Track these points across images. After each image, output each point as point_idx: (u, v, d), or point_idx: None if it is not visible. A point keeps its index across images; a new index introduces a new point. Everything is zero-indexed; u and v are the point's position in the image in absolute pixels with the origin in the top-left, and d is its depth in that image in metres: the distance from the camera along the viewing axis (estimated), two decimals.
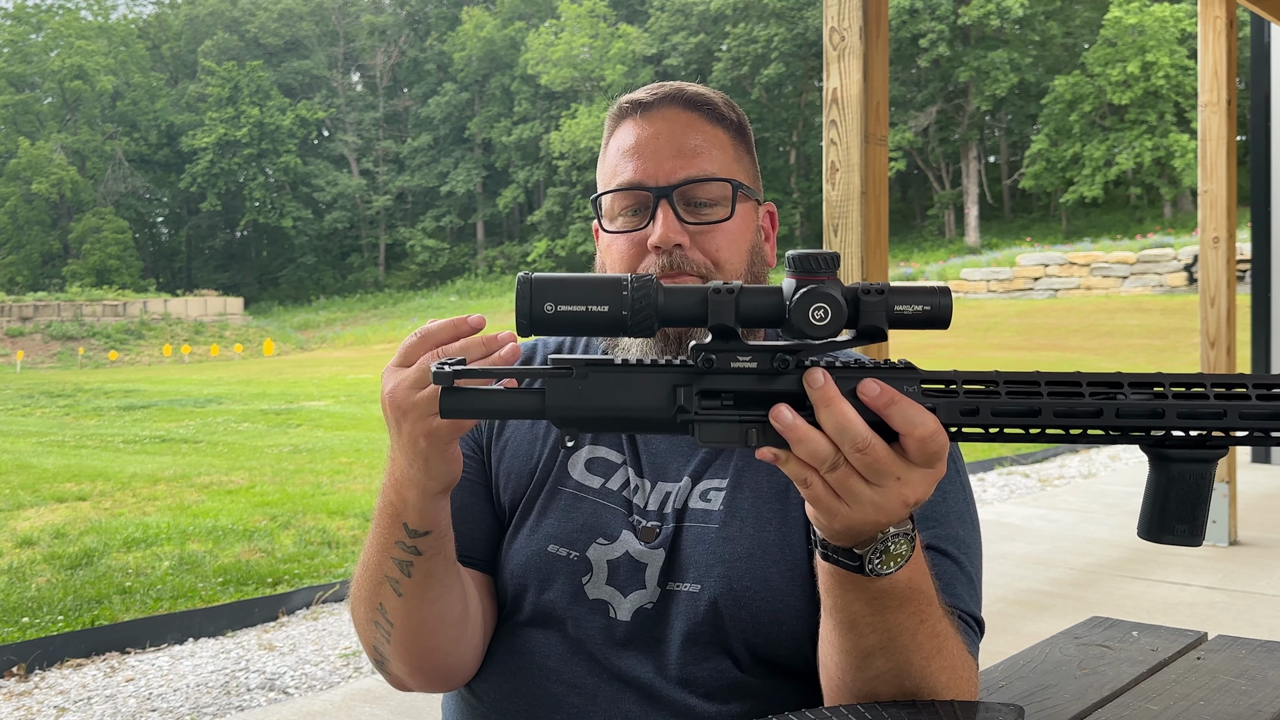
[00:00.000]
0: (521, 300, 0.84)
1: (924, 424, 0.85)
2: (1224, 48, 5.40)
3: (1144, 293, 26.78)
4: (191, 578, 5.67)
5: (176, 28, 63.69)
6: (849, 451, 0.85)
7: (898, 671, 1.02)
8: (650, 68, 50.02)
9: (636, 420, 0.88)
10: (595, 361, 0.87)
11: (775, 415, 0.85)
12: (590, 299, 0.85)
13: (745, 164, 1.29)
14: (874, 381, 0.85)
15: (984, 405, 0.87)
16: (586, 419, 0.87)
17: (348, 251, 58.76)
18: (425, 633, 1.15)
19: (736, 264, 1.24)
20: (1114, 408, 0.86)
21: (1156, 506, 0.90)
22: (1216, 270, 5.39)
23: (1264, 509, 6.26)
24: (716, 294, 0.85)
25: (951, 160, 46.32)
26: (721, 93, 1.32)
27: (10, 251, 52.93)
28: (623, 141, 1.26)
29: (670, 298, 0.86)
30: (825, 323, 0.83)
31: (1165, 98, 38.86)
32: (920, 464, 0.86)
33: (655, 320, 0.85)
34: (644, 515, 1.23)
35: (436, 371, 0.87)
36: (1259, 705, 1.28)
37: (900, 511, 0.88)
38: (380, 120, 59.95)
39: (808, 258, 0.85)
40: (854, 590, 0.96)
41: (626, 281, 0.85)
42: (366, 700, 3.65)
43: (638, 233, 1.24)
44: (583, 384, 0.87)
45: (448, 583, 1.13)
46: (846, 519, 0.89)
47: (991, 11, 40.85)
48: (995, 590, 4.74)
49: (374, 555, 1.13)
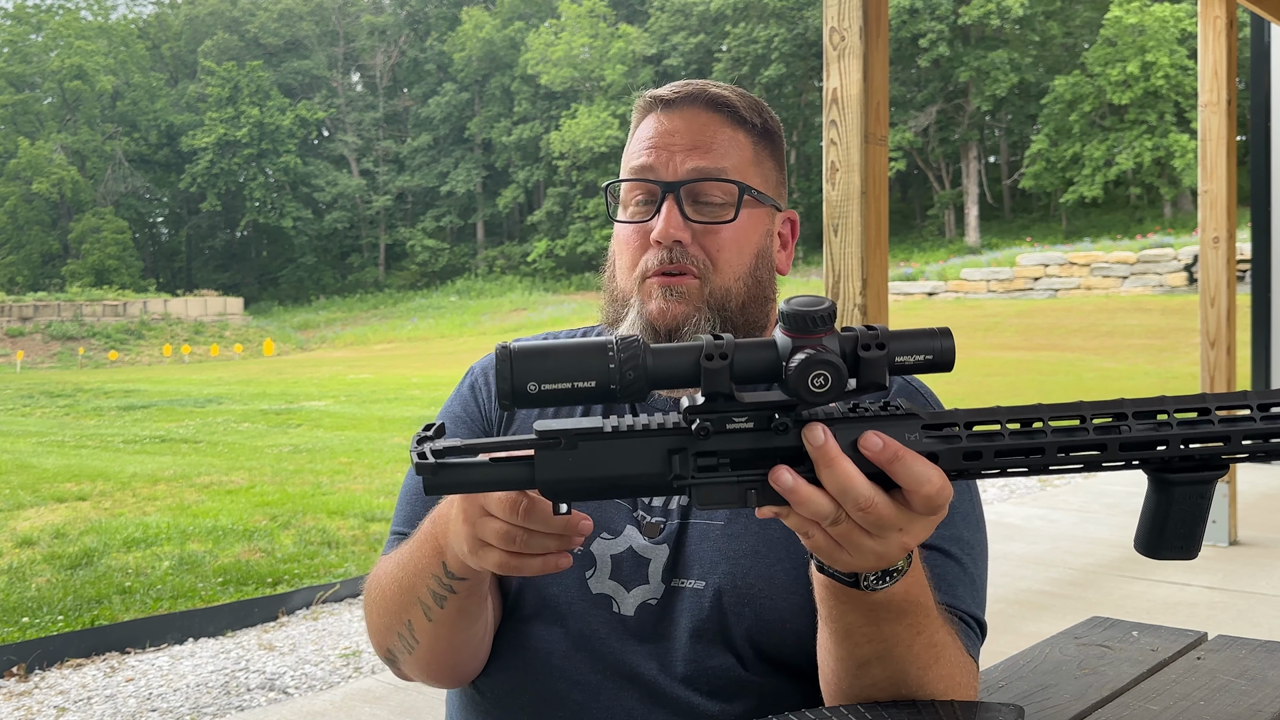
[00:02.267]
0: (503, 380, 0.81)
1: (930, 480, 0.83)
2: (1224, 48, 5.39)
3: (1144, 293, 26.78)
4: (191, 578, 5.67)
5: (176, 28, 63.68)
6: (851, 510, 0.84)
7: (894, 680, 1.02)
8: (650, 68, 50.02)
9: (631, 488, 0.85)
10: (584, 431, 0.84)
11: (775, 478, 0.83)
12: (575, 374, 0.81)
13: (766, 168, 1.29)
14: (876, 435, 0.83)
15: (987, 449, 0.85)
16: (578, 489, 0.85)
17: (348, 251, 58.75)
18: (450, 654, 1.17)
19: (737, 267, 1.24)
20: (1118, 441, 0.85)
21: (1156, 525, 0.90)
22: (1216, 270, 5.39)
23: (1264, 509, 6.26)
24: (709, 360, 0.82)
25: (951, 160, 46.32)
26: (752, 96, 1.31)
27: (10, 251, 52.92)
28: (642, 133, 1.28)
29: (659, 361, 0.83)
30: (825, 390, 0.81)
31: (1165, 98, 38.86)
32: (924, 514, 0.86)
33: (645, 386, 0.83)
34: (648, 510, 1.23)
35: (420, 462, 0.83)
36: (1259, 705, 1.28)
37: (900, 555, 0.88)
38: (380, 120, 59.94)
39: (804, 317, 0.82)
40: (849, 602, 0.96)
41: (612, 348, 0.82)
42: (366, 700, 3.65)
43: (643, 225, 1.25)
44: (572, 455, 0.84)
45: (479, 614, 1.14)
46: (848, 564, 0.89)
47: (991, 11, 40.84)
48: (995, 590, 4.72)
49: (409, 575, 1.12)
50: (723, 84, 1.30)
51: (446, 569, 1.06)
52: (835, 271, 2.93)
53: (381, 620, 1.19)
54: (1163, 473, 0.88)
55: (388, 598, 1.16)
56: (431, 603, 1.10)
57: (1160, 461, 0.87)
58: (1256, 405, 0.86)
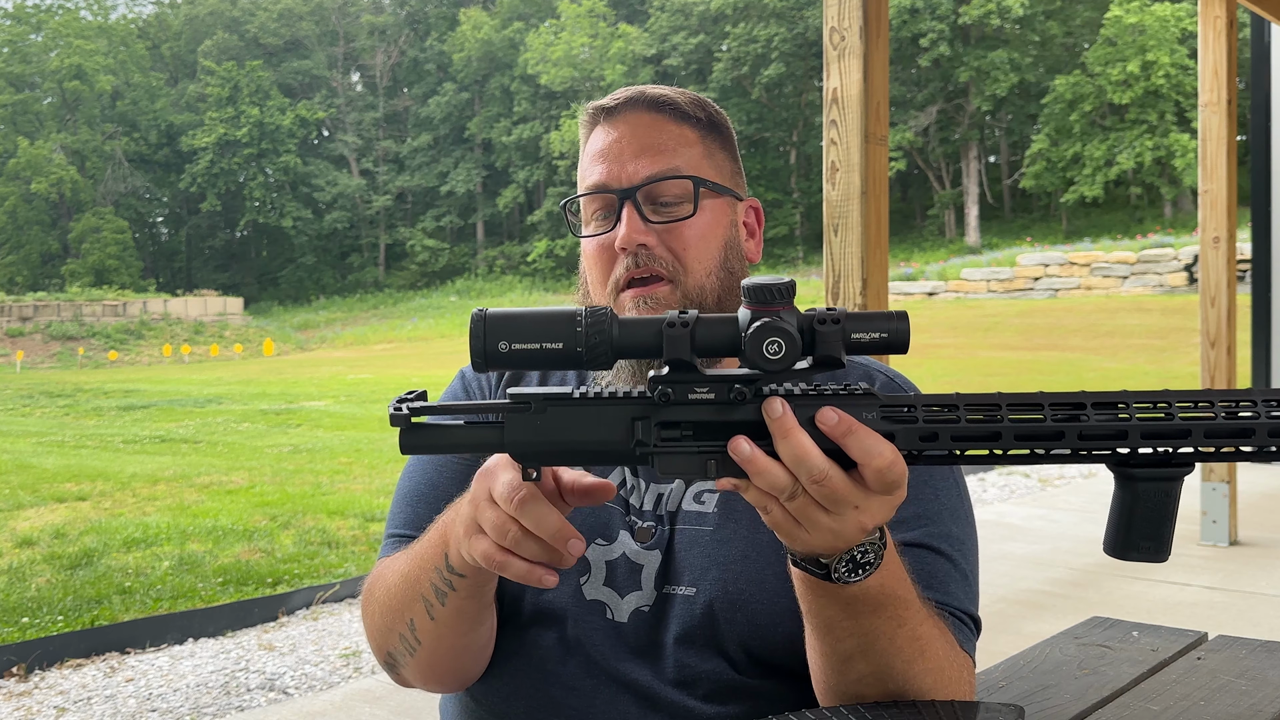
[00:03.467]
0: (475, 339, 0.85)
1: (881, 454, 0.85)
2: (1224, 48, 5.40)
3: (1144, 293, 26.77)
4: (191, 578, 5.67)
5: (176, 28, 63.67)
6: (806, 483, 0.85)
7: (879, 674, 1.02)
8: (650, 68, 50.02)
9: (595, 453, 0.88)
10: (553, 396, 0.87)
11: (733, 448, 0.85)
12: (544, 336, 0.85)
13: (718, 160, 1.29)
14: (832, 410, 0.85)
15: (943, 430, 0.86)
16: (545, 453, 0.88)
17: (348, 251, 58.74)
18: (451, 657, 1.17)
19: (706, 261, 1.24)
20: (1076, 430, 0.86)
21: (1122, 524, 0.91)
22: (1217, 270, 5.39)
23: (1264, 509, 6.26)
24: (671, 327, 0.85)
25: (951, 160, 46.31)
26: (691, 92, 1.32)
27: (10, 251, 52.91)
28: (591, 147, 1.29)
29: (625, 330, 0.86)
30: (779, 356, 0.83)
31: (1166, 97, 38.84)
32: (879, 492, 0.87)
33: (610, 354, 0.85)
34: (640, 516, 1.24)
35: (395, 413, 0.86)
36: (1259, 705, 1.28)
37: (857, 537, 0.89)
38: (380, 120, 59.94)
39: (762, 289, 0.84)
40: (825, 596, 0.96)
41: (580, 315, 0.85)
42: (366, 700, 3.65)
43: (607, 235, 1.25)
44: (541, 418, 0.87)
45: (481, 619, 1.15)
46: (806, 543, 0.90)
47: (992, 11, 40.83)
48: (995, 590, 4.74)
49: (416, 568, 1.13)
50: (661, 86, 1.31)
51: (448, 562, 1.07)
52: (835, 271, 2.93)
53: (383, 621, 1.19)
54: (1125, 467, 0.88)
55: (392, 595, 1.16)
56: (434, 598, 1.11)
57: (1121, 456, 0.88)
58: (1218, 401, 0.86)
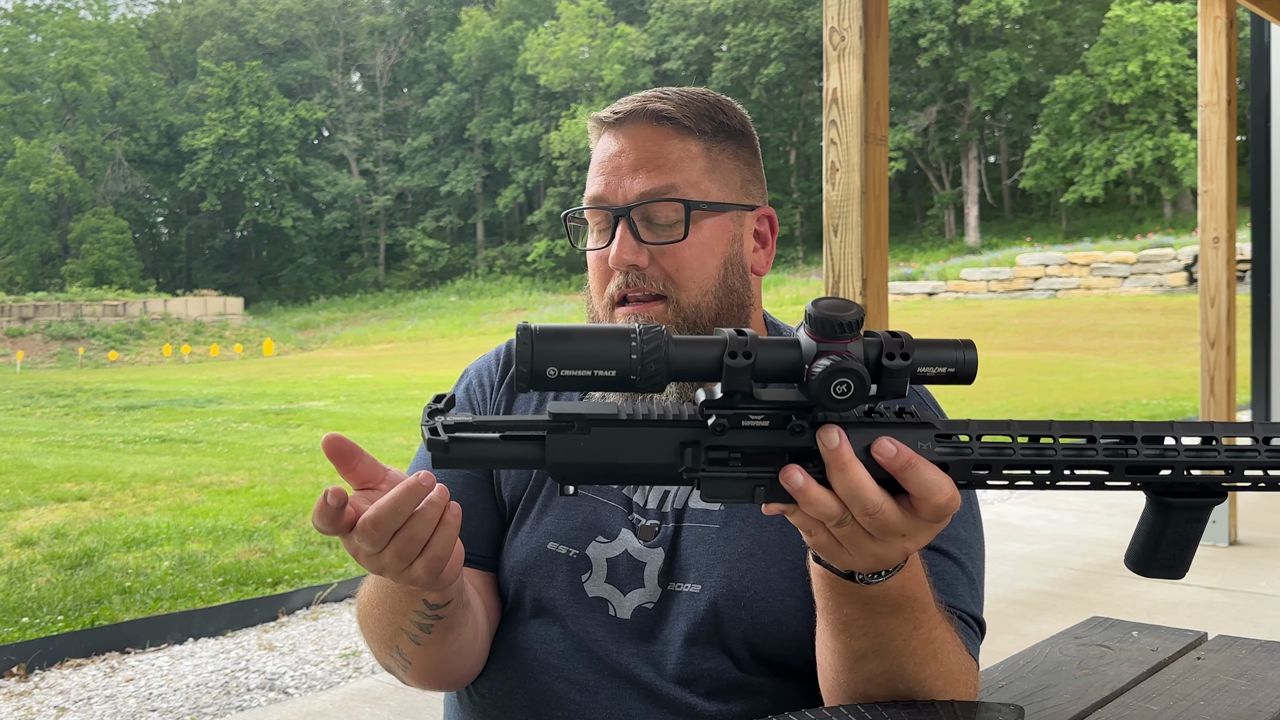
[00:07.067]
0: (522, 361, 0.79)
1: (941, 489, 0.84)
2: (1224, 48, 5.39)
3: (1144, 293, 26.78)
4: (191, 578, 5.67)
5: (176, 28, 63.64)
6: (858, 514, 0.84)
7: (891, 675, 1.02)
8: (649, 68, 50.00)
9: (639, 475, 0.85)
10: (598, 417, 0.83)
11: (786, 477, 0.83)
12: (596, 362, 0.80)
13: (725, 171, 1.25)
14: (890, 441, 0.83)
15: (996, 462, 0.85)
16: (587, 474, 0.84)
17: (348, 251, 58.72)
18: (444, 663, 1.18)
19: (702, 281, 1.22)
20: (1124, 464, 0.86)
21: (1149, 545, 0.91)
22: (1216, 270, 5.39)
23: (1264, 509, 6.26)
24: (732, 358, 0.80)
25: (951, 160, 46.30)
26: (704, 94, 1.27)
27: (10, 251, 52.89)
28: (595, 156, 1.27)
29: (681, 353, 0.81)
30: (847, 398, 0.80)
31: (1166, 97, 38.83)
32: (930, 522, 0.86)
33: (666, 378, 0.81)
34: (643, 513, 1.23)
35: (431, 439, 0.82)
36: (1259, 705, 1.28)
37: (899, 558, 0.89)
38: (380, 120, 59.92)
39: (830, 323, 0.80)
40: (845, 595, 0.96)
41: (635, 335, 0.80)
42: (366, 700, 3.65)
43: (604, 250, 1.24)
44: (584, 439, 0.83)
45: (465, 621, 1.15)
46: (846, 563, 0.90)
47: (991, 11, 40.82)
48: (995, 590, 4.74)
49: (389, 614, 1.12)
50: (669, 92, 1.26)
51: (428, 604, 1.07)
52: (835, 271, 2.93)
53: (374, 644, 1.21)
54: (1163, 495, 0.88)
55: (379, 625, 1.17)
56: (418, 632, 1.11)
57: (1162, 485, 0.88)
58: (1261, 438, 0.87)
